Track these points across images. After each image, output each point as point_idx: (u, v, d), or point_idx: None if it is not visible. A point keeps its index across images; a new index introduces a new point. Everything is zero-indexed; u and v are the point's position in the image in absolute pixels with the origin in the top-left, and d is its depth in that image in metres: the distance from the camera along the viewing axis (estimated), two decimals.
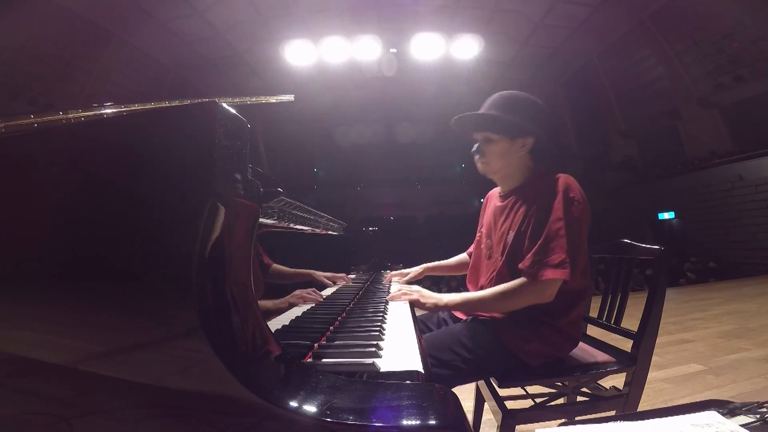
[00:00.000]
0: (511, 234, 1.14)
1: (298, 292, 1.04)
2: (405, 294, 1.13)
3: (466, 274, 1.40)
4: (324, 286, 1.31)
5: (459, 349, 1.05)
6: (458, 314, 1.28)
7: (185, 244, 0.44)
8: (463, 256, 1.59)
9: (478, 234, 1.38)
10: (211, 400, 0.44)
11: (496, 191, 1.33)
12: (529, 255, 1.04)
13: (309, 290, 1.08)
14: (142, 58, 10.15)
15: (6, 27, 7.29)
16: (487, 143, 1.17)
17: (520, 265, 1.05)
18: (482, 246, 1.31)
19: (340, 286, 1.39)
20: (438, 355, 1.02)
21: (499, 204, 1.26)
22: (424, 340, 0.93)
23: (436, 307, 1.11)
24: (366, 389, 0.46)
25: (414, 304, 1.11)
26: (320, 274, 1.28)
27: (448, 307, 1.13)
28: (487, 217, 1.33)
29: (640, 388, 1.09)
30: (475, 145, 1.20)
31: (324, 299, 1.12)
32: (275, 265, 0.99)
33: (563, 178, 1.09)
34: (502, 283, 1.08)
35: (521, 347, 1.08)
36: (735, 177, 9.17)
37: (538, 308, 1.06)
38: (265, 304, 0.87)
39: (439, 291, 1.33)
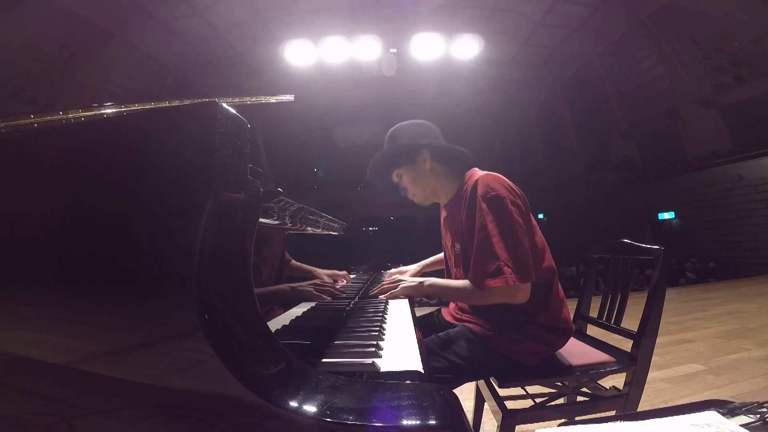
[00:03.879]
0: (458, 246, 1.18)
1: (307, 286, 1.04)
2: (393, 286, 1.19)
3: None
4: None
5: (450, 356, 1.06)
6: (449, 319, 1.29)
7: (185, 244, 0.44)
8: None
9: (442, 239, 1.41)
10: (211, 400, 0.44)
11: None
12: (471, 266, 1.06)
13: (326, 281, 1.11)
14: (142, 58, 10.16)
15: (6, 27, 7.29)
16: (400, 178, 1.25)
17: (468, 278, 1.07)
18: (448, 253, 1.34)
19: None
20: (431, 363, 1.01)
21: (444, 216, 1.30)
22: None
23: (419, 287, 1.16)
24: (366, 389, 0.46)
25: (401, 292, 1.16)
26: (321, 272, 1.29)
27: (427, 290, 1.18)
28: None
29: (640, 388, 1.09)
30: (398, 186, 1.28)
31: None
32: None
33: (481, 179, 1.08)
34: None
35: (512, 349, 1.08)
36: (735, 177, 9.16)
37: (517, 309, 1.07)
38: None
39: None
